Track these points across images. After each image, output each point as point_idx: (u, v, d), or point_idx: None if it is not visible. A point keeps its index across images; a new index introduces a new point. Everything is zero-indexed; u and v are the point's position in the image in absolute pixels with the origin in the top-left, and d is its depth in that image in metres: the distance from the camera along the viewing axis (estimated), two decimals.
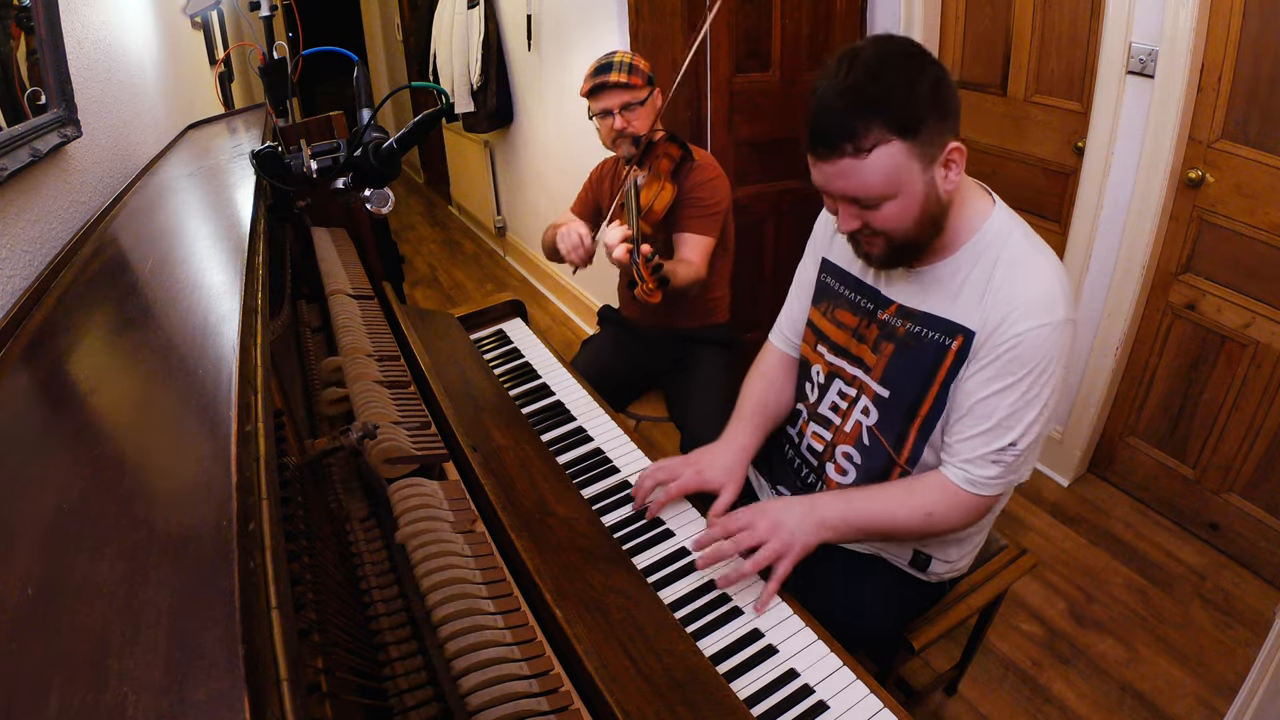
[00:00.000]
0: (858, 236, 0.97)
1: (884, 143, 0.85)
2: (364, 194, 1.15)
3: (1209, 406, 1.84)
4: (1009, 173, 2.11)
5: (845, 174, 0.88)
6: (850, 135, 0.85)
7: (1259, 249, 1.65)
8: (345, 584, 0.69)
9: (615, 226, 1.41)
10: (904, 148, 0.85)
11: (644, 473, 1.11)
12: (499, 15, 3.21)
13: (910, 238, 0.93)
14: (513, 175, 3.67)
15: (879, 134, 0.84)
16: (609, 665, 0.71)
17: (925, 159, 0.87)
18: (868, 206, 0.90)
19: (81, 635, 0.35)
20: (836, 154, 0.87)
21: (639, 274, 1.35)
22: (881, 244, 0.95)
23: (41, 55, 1.01)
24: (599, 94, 1.60)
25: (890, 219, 0.91)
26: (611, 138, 1.64)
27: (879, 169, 0.86)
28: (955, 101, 0.89)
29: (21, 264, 0.87)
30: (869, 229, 0.93)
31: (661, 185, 1.57)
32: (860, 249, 1.00)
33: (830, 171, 0.89)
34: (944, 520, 1.00)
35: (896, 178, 0.87)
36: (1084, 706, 1.53)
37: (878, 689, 0.84)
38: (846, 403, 1.11)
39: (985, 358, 0.94)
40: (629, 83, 1.57)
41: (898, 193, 0.88)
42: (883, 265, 1.02)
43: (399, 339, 1.14)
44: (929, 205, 0.91)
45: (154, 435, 0.51)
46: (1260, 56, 1.54)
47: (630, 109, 1.60)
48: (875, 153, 0.85)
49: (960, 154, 0.90)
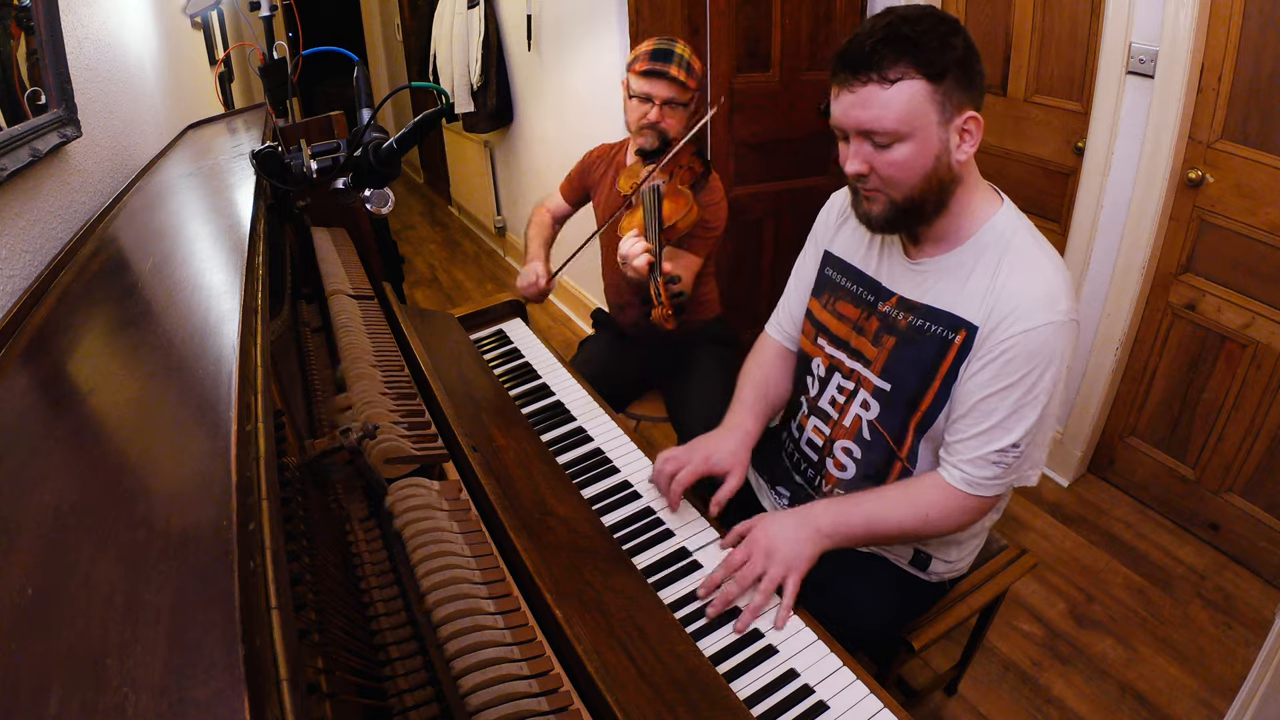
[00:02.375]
0: (861, 189, 0.97)
1: (909, 78, 0.87)
2: (364, 194, 1.14)
3: (1209, 406, 1.84)
4: (1009, 173, 2.11)
5: (866, 102, 0.89)
6: (879, 64, 0.87)
7: (1259, 249, 1.65)
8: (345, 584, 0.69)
9: (635, 238, 1.36)
10: (927, 90, 0.87)
11: (655, 468, 1.12)
12: (499, 15, 3.21)
13: (913, 196, 0.93)
14: (513, 175, 3.67)
15: (905, 68, 0.87)
16: (609, 665, 0.71)
17: (944, 112, 0.89)
18: (880, 146, 0.91)
19: (81, 635, 0.35)
20: (861, 79, 0.88)
21: (657, 297, 1.31)
22: (884, 200, 0.95)
23: (41, 55, 1.01)
24: (651, 79, 1.53)
25: (899, 164, 0.91)
26: (640, 124, 1.57)
27: (899, 102, 0.87)
28: (981, 77, 0.91)
29: (21, 264, 0.87)
30: (876, 176, 0.93)
31: (689, 204, 1.51)
32: (861, 207, 0.99)
33: (851, 100, 0.90)
34: (942, 522, 1.00)
35: (913, 118, 0.88)
36: (1084, 706, 1.53)
37: (878, 689, 0.84)
38: (845, 396, 1.11)
39: (987, 355, 0.94)
40: (684, 82, 1.52)
41: (912, 134, 0.89)
42: (882, 228, 1.00)
43: (399, 339, 1.14)
44: (939, 166, 0.91)
45: (154, 435, 0.51)
46: (1260, 56, 1.54)
47: (673, 106, 1.55)
48: (899, 85, 0.87)
49: (977, 125, 0.91)
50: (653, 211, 1.44)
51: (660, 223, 1.43)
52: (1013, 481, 0.99)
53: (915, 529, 1.01)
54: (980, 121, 0.91)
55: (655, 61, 1.52)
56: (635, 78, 1.55)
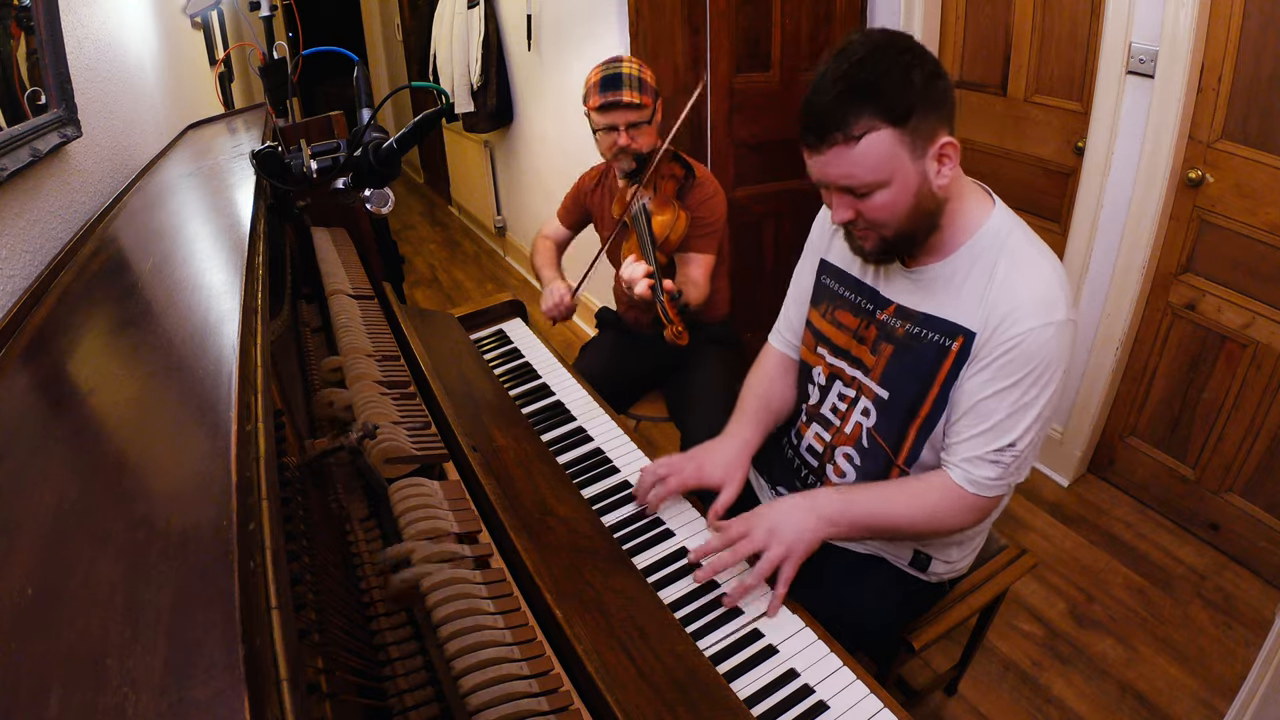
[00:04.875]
0: (851, 229, 0.97)
1: (873, 130, 0.86)
2: (364, 194, 1.15)
3: (1209, 406, 1.84)
4: (1009, 173, 2.11)
5: (835, 162, 0.89)
6: (840, 123, 0.86)
7: (1259, 249, 1.65)
8: (345, 584, 0.69)
9: (636, 262, 1.39)
10: (893, 135, 0.86)
11: (645, 469, 1.11)
12: (499, 15, 3.21)
13: (903, 230, 0.93)
14: (513, 175, 3.67)
15: (868, 121, 0.85)
16: (609, 665, 0.71)
17: (915, 149, 0.88)
18: (860, 195, 0.91)
19: (81, 635, 0.35)
20: (827, 143, 0.88)
21: (666, 315, 1.34)
22: (874, 237, 0.96)
23: (41, 55, 1.01)
24: (607, 111, 1.54)
25: (882, 209, 0.91)
26: (613, 152, 1.59)
27: (868, 156, 0.87)
28: (949, 96, 0.89)
29: (22, 264, 0.87)
30: (863, 220, 0.94)
31: (675, 214, 1.53)
32: (854, 243, 1.00)
33: (821, 161, 0.90)
34: (946, 519, 1.00)
35: (887, 166, 0.88)
36: (1084, 706, 1.53)
37: (878, 689, 0.84)
38: (845, 404, 1.11)
39: (985, 358, 0.94)
40: (640, 103, 1.52)
41: (889, 181, 0.89)
42: (877, 260, 1.01)
43: (399, 339, 1.14)
44: (922, 199, 0.91)
45: (154, 435, 0.51)
46: (1260, 56, 1.54)
47: (637, 127, 1.55)
48: (864, 140, 0.86)
49: (954, 149, 0.90)
50: (645, 231, 1.48)
51: (653, 241, 1.46)
52: (1014, 481, 0.99)
53: (919, 524, 1.01)
54: (956, 145, 0.90)
55: (606, 93, 1.53)
56: (593, 114, 1.57)
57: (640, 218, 1.48)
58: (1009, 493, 1.04)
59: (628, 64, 1.55)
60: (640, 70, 1.56)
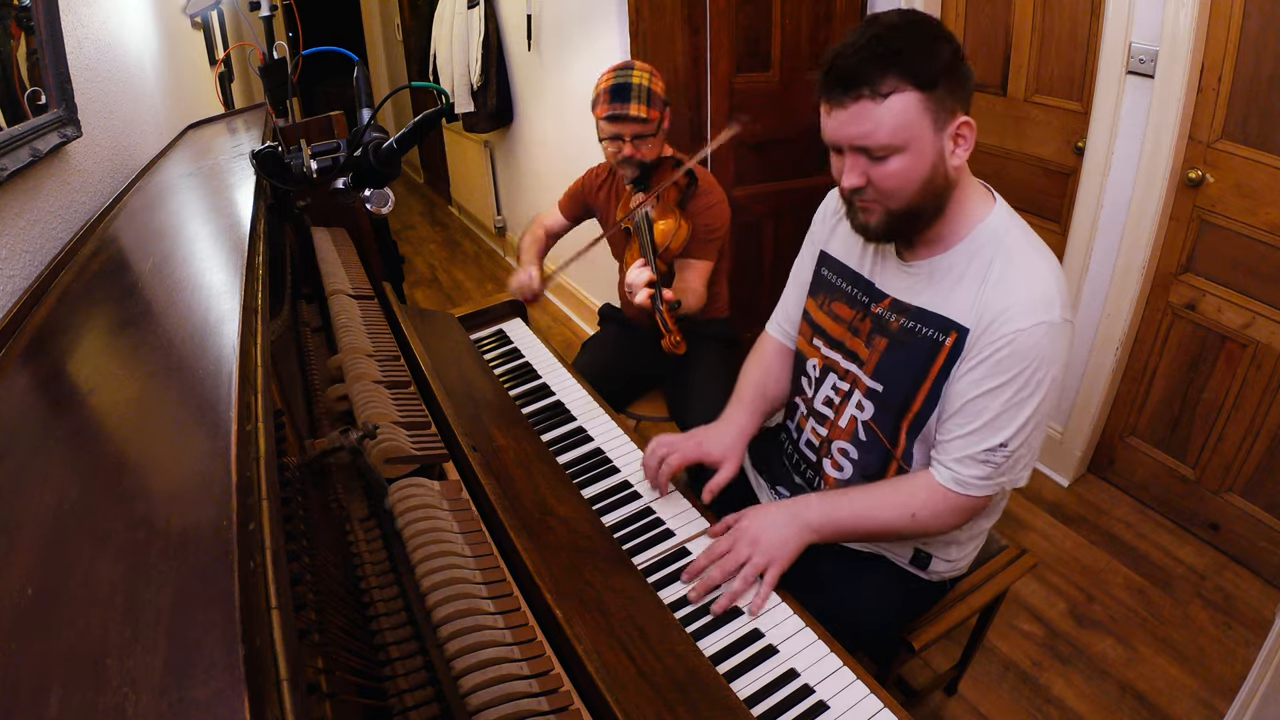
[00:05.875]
0: (856, 201, 0.96)
1: (901, 90, 0.86)
2: (364, 194, 1.15)
3: (1209, 406, 1.84)
4: (1009, 173, 2.11)
5: (859, 119, 0.88)
6: (868, 80, 0.86)
7: (1259, 249, 1.65)
8: (345, 584, 0.69)
9: (640, 267, 1.41)
10: (919, 100, 0.86)
11: (647, 452, 1.14)
12: (499, 15, 3.21)
13: (911, 205, 0.93)
14: (513, 175, 3.67)
15: (896, 81, 0.85)
16: (609, 665, 0.71)
17: (937, 121, 0.88)
18: (876, 159, 0.90)
19: (81, 635, 0.35)
20: (853, 97, 0.87)
21: (664, 325, 1.37)
22: (880, 210, 0.95)
23: (41, 55, 1.01)
24: (615, 122, 1.54)
25: (895, 176, 0.90)
26: (618, 160, 1.60)
27: (893, 115, 0.87)
28: (970, 80, 0.90)
29: (22, 264, 0.87)
30: (872, 189, 0.93)
31: (678, 223, 1.55)
32: (857, 219, 0.99)
33: (843, 117, 0.89)
34: (930, 521, 1.00)
35: (908, 129, 0.87)
36: (1084, 706, 1.53)
37: (878, 689, 0.84)
38: (840, 397, 1.11)
39: (978, 356, 0.93)
40: (646, 117, 1.52)
41: (907, 145, 0.88)
42: (879, 238, 1.00)
43: (399, 339, 1.14)
44: (935, 175, 0.91)
45: (154, 435, 0.51)
46: (1260, 56, 1.54)
47: (643, 139, 1.55)
48: (891, 99, 0.86)
49: (970, 129, 0.90)
50: (647, 239, 1.50)
51: (654, 248, 1.48)
52: (1004, 483, 0.98)
53: (903, 527, 1.01)
54: (973, 125, 0.90)
55: (615, 104, 1.53)
56: (601, 122, 1.57)
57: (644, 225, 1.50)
58: (1004, 495, 1.03)
59: (638, 73, 1.54)
60: (651, 80, 1.54)
